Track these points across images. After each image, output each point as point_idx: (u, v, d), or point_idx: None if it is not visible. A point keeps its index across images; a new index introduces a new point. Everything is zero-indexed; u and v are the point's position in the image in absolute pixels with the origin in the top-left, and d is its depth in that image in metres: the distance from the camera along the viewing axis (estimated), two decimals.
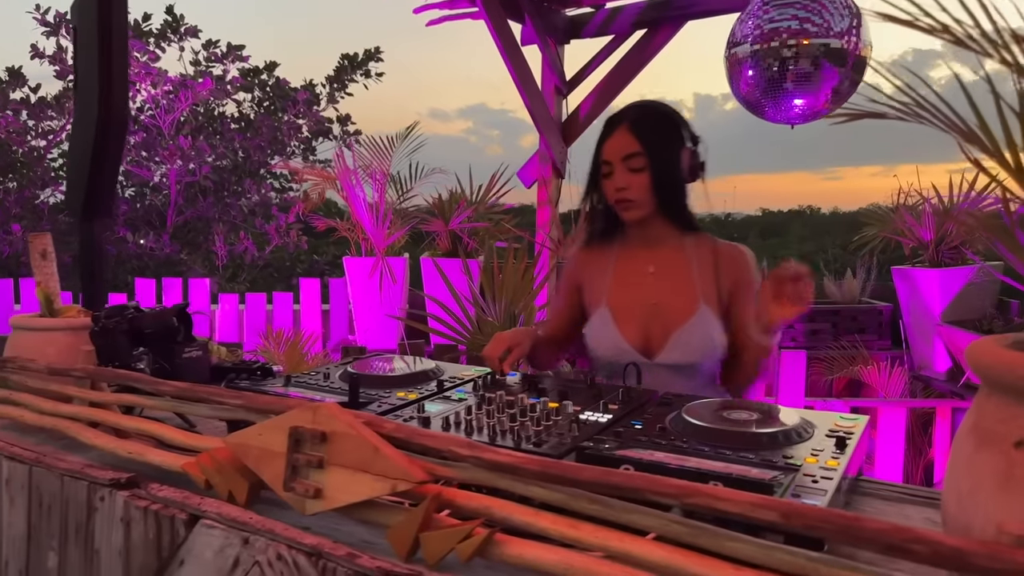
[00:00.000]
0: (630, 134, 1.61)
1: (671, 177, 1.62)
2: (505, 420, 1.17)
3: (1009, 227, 0.83)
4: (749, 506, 0.70)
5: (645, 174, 1.60)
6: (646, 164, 1.60)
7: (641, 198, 1.62)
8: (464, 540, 0.81)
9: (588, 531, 0.78)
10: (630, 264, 1.72)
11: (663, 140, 1.62)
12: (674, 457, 0.99)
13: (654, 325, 1.66)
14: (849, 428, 1.14)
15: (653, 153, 1.60)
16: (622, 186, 1.62)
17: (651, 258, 1.70)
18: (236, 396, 1.07)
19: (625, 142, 1.61)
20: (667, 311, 1.65)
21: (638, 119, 1.63)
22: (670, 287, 1.67)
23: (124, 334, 1.42)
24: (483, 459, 0.84)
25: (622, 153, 1.61)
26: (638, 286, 1.69)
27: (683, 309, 1.64)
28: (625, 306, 1.68)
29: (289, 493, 0.93)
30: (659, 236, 1.70)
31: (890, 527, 0.63)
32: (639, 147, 1.60)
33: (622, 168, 1.62)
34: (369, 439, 0.88)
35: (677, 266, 1.68)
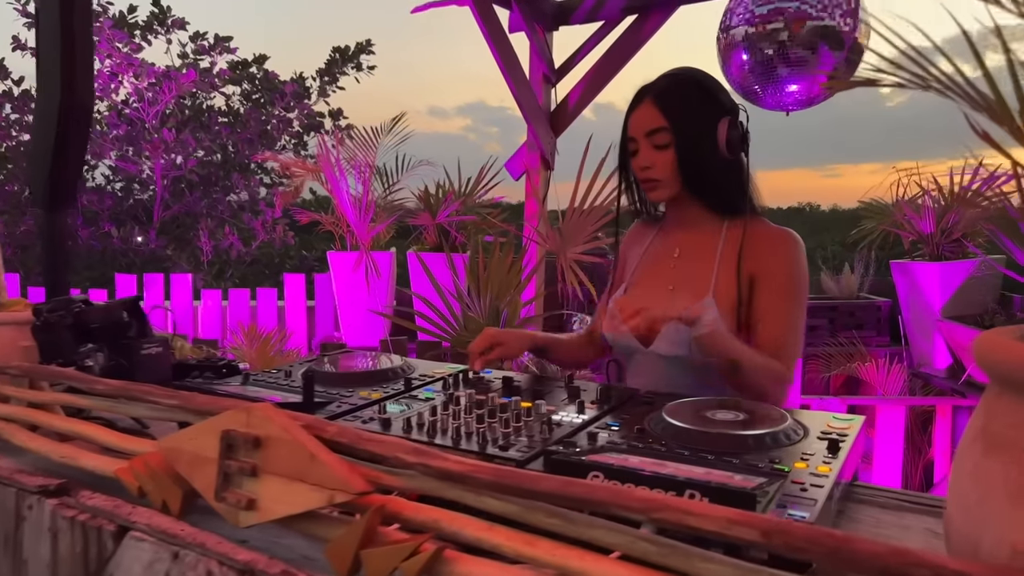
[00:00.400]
0: (655, 107, 1.47)
1: (700, 153, 1.47)
2: (472, 422, 1.08)
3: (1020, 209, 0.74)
4: (725, 522, 0.61)
5: (670, 151, 1.47)
6: (671, 140, 1.46)
7: (666, 177, 1.48)
8: (410, 558, 0.72)
9: (545, 548, 0.69)
10: (661, 246, 1.61)
11: (691, 113, 1.47)
12: (650, 462, 0.90)
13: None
14: (843, 429, 1.06)
15: (679, 128, 1.46)
16: (646, 164, 1.49)
17: (680, 241, 1.57)
18: (171, 396, 0.98)
19: (649, 116, 1.48)
20: (677, 299, 1.48)
21: (665, 90, 1.49)
22: (689, 274, 1.52)
23: (69, 329, 1.33)
24: (431, 467, 0.75)
25: (646, 128, 1.48)
26: (661, 269, 1.58)
27: (690, 298, 1.47)
28: (642, 287, 1.58)
29: (221, 504, 0.84)
30: (695, 218, 1.56)
31: (886, 550, 0.54)
32: (664, 122, 1.46)
33: (647, 145, 1.49)
34: (306, 444, 0.79)
35: (703, 251, 1.52)
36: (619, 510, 0.65)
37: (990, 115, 0.66)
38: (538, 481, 0.70)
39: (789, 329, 1.45)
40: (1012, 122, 0.64)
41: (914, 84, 0.74)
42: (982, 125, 0.72)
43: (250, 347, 3.34)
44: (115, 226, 7.62)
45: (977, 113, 0.70)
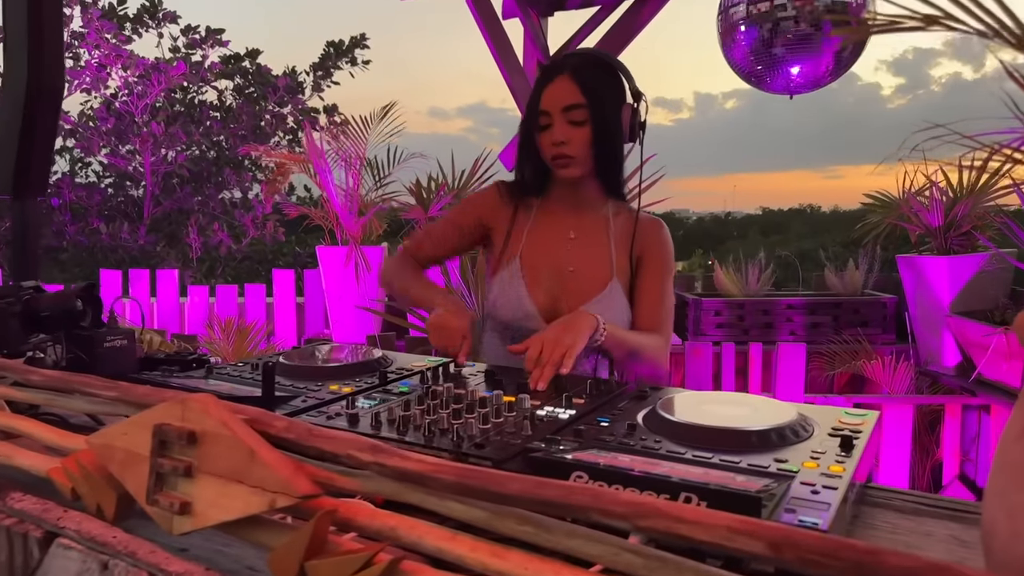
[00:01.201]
0: (573, 83, 1.46)
1: (613, 134, 1.49)
2: (447, 417, 0.98)
3: None
4: (725, 532, 0.51)
5: (586, 128, 1.47)
6: (587, 117, 1.46)
7: (581, 154, 1.49)
8: (362, 570, 0.63)
9: (516, 561, 0.59)
10: (550, 225, 1.60)
11: (608, 93, 1.48)
12: (641, 462, 0.80)
13: (564, 293, 1.55)
14: (856, 425, 0.96)
15: (596, 106, 1.46)
16: (561, 140, 1.48)
17: (574, 223, 1.59)
18: (111, 387, 0.88)
19: (566, 92, 1.47)
20: (579, 280, 1.55)
21: (581, 67, 1.48)
22: (587, 256, 1.56)
23: (16, 316, 1.23)
24: (387, 466, 0.66)
25: (563, 103, 1.47)
26: (555, 249, 1.57)
27: (595, 281, 1.54)
28: (537, 267, 1.57)
29: (153, 507, 0.74)
30: (586, 200, 1.59)
31: (922, 564, 0.45)
32: (582, 98, 1.46)
33: (561, 120, 1.47)
34: (245, 440, 0.69)
35: (597, 235, 1.58)
36: (600, 516, 0.56)
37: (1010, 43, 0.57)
38: (506, 482, 0.60)
39: (668, 305, 1.58)
40: None
41: (943, 26, 0.65)
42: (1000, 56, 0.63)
43: (226, 342, 3.23)
44: (104, 222, 7.51)
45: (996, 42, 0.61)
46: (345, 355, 1.36)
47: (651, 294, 1.55)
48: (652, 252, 1.57)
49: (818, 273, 4.48)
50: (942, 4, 0.63)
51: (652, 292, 1.55)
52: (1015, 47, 0.59)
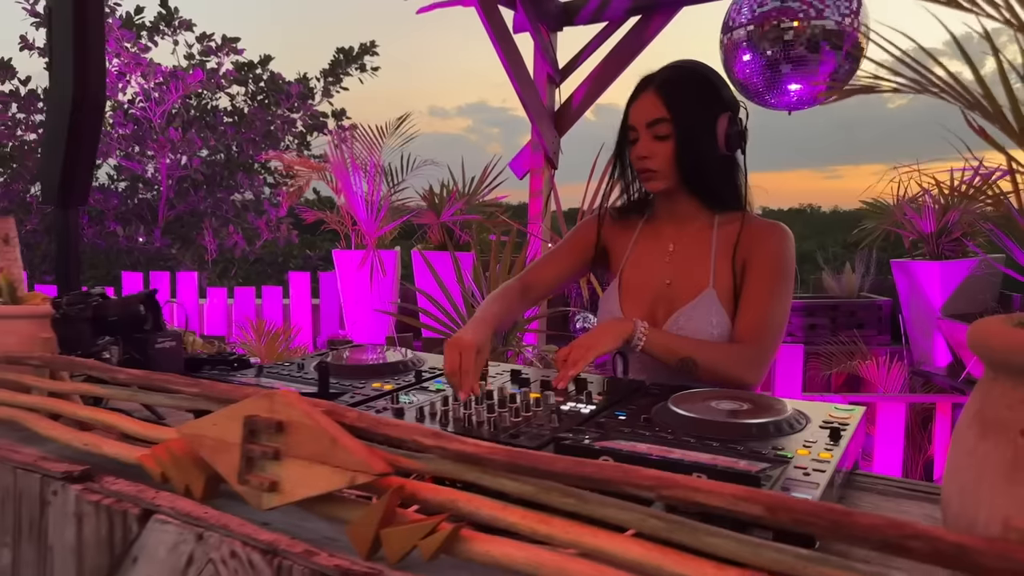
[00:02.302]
0: (657, 97, 1.48)
1: (699, 147, 1.48)
2: (482, 411, 1.11)
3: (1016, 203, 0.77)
4: (731, 499, 0.64)
5: (670, 142, 1.48)
6: (671, 132, 1.47)
7: (664, 168, 1.50)
8: (428, 536, 0.76)
9: (560, 527, 0.72)
10: (652, 239, 1.62)
11: (693, 106, 1.48)
12: (657, 448, 0.93)
13: (660, 306, 1.55)
14: (844, 419, 1.09)
15: (680, 120, 1.47)
16: (644, 155, 1.50)
17: (674, 236, 1.58)
18: (193, 384, 1.01)
19: (651, 106, 1.49)
20: (676, 292, 1.54)
21: (668, 81, 1.50)
22: (685, 268, 1.55)
23: (87, 322, 1.36)
24: (448, 449, 0.78)
25: (647, 118, 1.49)
26: (655, 264, 1.58)
27: (690, 291, 1.52)
28: (636, 283, 1.59)
29: (244, 487, 0.87)
30: (687, 213, 1.58)
31: (885, 522, 0.57)
32: (665, 112, 1.47)
33: (647, 135, 1.50)
34: (327, 428, 0.82)
35: (698, 246, 1.55)
36: (630, 488, 0.68)
37: (983, 115, 0.70)
38: (552, 462, 0.73)
39: (768, 315, 1.47)
40: (1004, 120, 0.67)
41: (912, 88, 0.78)
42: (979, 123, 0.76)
43: (259, 342, 3.37)
44: (120, 225, 7.66)
45: (972, 113, 0.74)
46: (382, 356, 1.48)
47: (748, 303, 1.48)
48: (758, 258, 1.49)
49: (816, 276, 4.61)
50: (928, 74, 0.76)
51: (750, 300, 1.48)
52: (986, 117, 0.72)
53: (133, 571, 0.96)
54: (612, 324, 1.42)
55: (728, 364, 1.43)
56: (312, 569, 0.78)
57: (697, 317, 1.49)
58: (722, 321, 1.49)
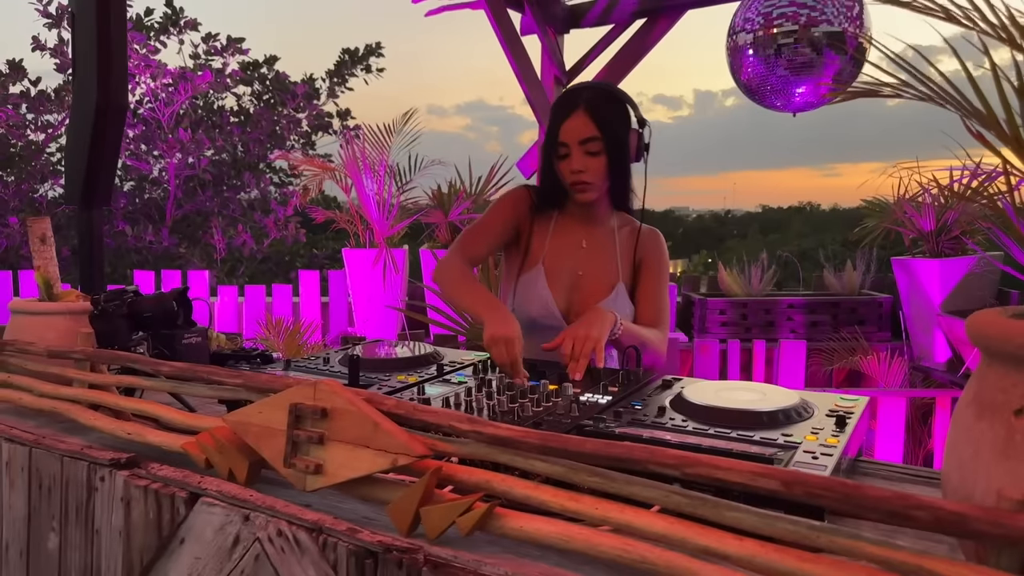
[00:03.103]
0: (588, 117, 1.63)
1: (624, 160, 1.68)
2: (505, 401, 1.17)
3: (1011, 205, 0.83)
4: (750, 475, 0.69)
5: (601, 158, 1.65)
6: (602, 149, 1.64)
7: (597, 181, 1.67)
8: (464, 514, 0.81)
9: (589, 503, 0.78)
10: (566, 235, 1.79)
11: (618, 125, 1.66)
12: (674, 435, 0.99)
13: (576, 294, 1.75)
14: (849, 408, 1.14)
15: (610, 137, 1.64)
16: (579, 168, 1.65)
17: (585, 234, 1.79)
18: (235, 376, 1.07)
19: (582, 125, 1.64)
20: (590, 283, 1.76)
21: (593, 102, 1.65)
22: (597, 263, 1.77)
23: (123, 318, 1.42)
24: (484, 433, 0.84)
25: (579, 136, 1.64)
26: (570, 256, 1.77)
27: (603, 284, 1.75)
28: (557, 272, 1.76)
29: (289, 470, 0.93)
30: (597, 215, 1.79)
31: (892, 494, 0.63)
32: (597, 132, 1.63)
33: (579, 151, 1.65)
34: (370, 415, 0.88)
35: (605, 245, 1.78)
36: (655, 467, 0.74)
37: (979, 120, 0.75)
38: (582, 444, 0.78)
39: (666, 305, 1.81)
40: (998, 126, 0.73)
41: (911, 95, 0.84)
42: (976, 128, 0.82)
43: (276, 338, 3.43)
44: (129, 224, 7.72)
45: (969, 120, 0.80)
46: (404, 350, 1.54)
47: (651, 294, 1.78)
48: (651, 258, 1.79)
49: (817, 273, 4.67)
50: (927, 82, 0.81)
51: (652, 292, 1.78)
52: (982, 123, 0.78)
53: (181, 551, 1.02)
54: (602, 314, 1.55)
55: (660, 344, 1.73)
56: (356, 545, 0.84)
57: (616, 308, 1.66)
58: (631, 311, 1.76)
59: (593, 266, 1.77)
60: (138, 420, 1.24)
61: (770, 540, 0.69)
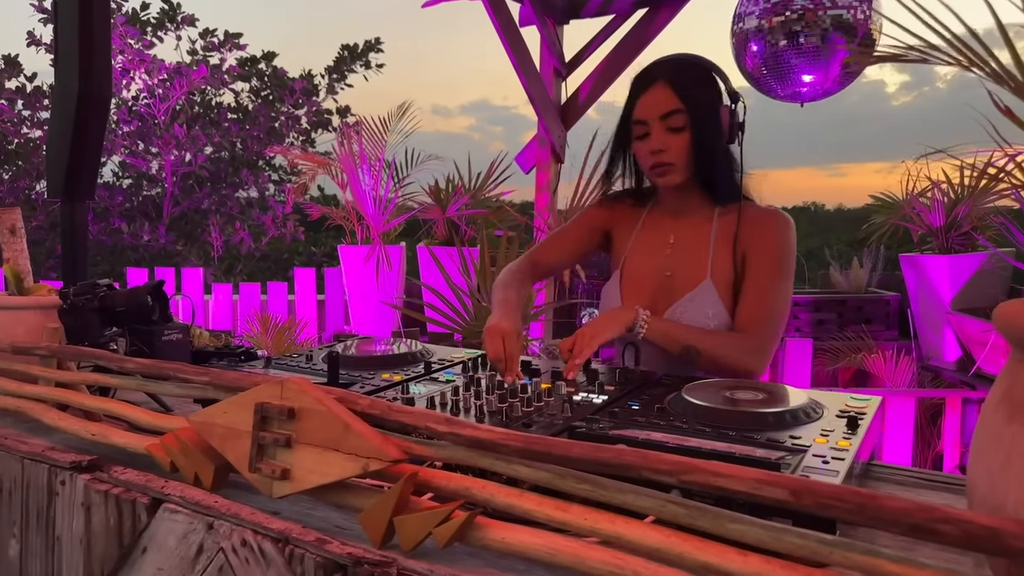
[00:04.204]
0: (670, 89, 1.45)
1: (712, 137, 1.46)
2: (493, 401, 1.10)
3: None
4: (754, 483, 0.62)
5: (686, 134, 1.45)
6: (687, 123, 1.45)
7: (680, 161, 1.47)
8: (442, 523, 0.74)
9: (577, 513, 0.71)
10: (653, 232, 1.61)
11: (705, 96, 1.47)
12: (672, 437, 0.92)
13: (661, 297, 1.55)
14: (861, 409, 1.07)
15: (695, 111, 1.45)
16: (659, 148, 1.46)
17: (675, 228, 1.58)
18: (202, 372, 1.00)
19: (664, 98, 1.45)
20: (675, 284, 1.54)
21: (678, 72, 1.47)
22: (685, 260, 1.55)
23: (95, 312, 1.35)
24: (462, 436, 0.77)
25: (660, 111, 1.45)
26: (656, 255, 1.58)
27: (689, 283, 1.52)
28: (637, 274, 1.59)
29: (255, 474, 0.86)
30: (690, 206, 1.57)
31: (914, 506, 0.56)
32: (680, 104, 1.44)
33: (660, 128, 1.46)
34: (340, 415, 0.81)
35: (698, 238, 1.55)
36: (649, 474, 0.67)
37: (1014, 88, 0.68)
38: (569, 447, 0.71)
39: (769, 303, 1.48)
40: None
41: (938, 59, 0.76)
42: (1004, 103, 0.74)
43: (265, 335, 3.37)
44: (125, 222, 7.67)
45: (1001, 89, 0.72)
46: (391, 347, 1.47)
47: (749, 292, 1.49)
48: (758, 248, 1.49)
49: (823, 271, 4.59)
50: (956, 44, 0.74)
51: (750, 290, 1.49)
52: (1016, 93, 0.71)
53: (143, 561, 0.95)
54: (615, 312, 1.43)
55: (730, 352, 1.44)
56: (324, 558, 0.77)
57: (694, 309, 1.49)
58: (719, 312, 1.49)
59: (681, 265, 1.54)
60: (108, 421, 1.17)
61: (777, 555, 0.62)
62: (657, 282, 1.56)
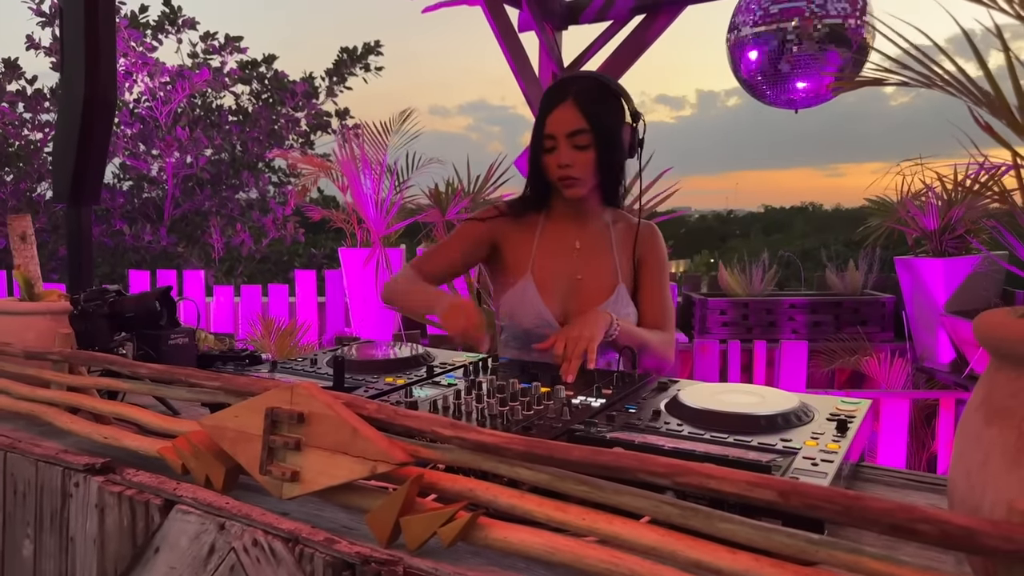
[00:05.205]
0: (576, 109, 1.55)
1: (615, 155, 1.60)
2: (495, 405, 1.13)
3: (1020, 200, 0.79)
4: (745, 485, 0.65)
5: (590, 151, 1.57)
6: (591, 141, 1.56)
7: (585, 176, 1.59)
8: (447, 524, 0.78)
9: (576, 513, 0.74)
10: (556, 237, 1.70)
11: (609, 117, 1.57)
12: (668, 440, 0.95)
13: (573, 299, 1.66)
14: (851, 412, 1.10)
15: (599, 130, 1.55)
16: (566, 163, 1.57)
17: (578, 233, 1.70)
18: (213, 378, 1.03)
19: (570, 117, 1.55)
20: (588, 287, 1.67)
21: (583, 93, 1.56)
22: (593, 264, 1.68)
23: (104, 318, 1.38)
24: (466, 439, 0.80)
25: (567, 129, 1.55)
26: (563, 260, 1.68)
27: (603, 286, 1.66)
28: (549, 278, 1.67)
29: (265, 477, 0.89)
30: (588, 211, 1.70)
31: (895, 506, 0.59)
32: (585, 124, 1.54)
33: (566, 144, 1.56)
34: (348, 419, 0.84)
35: (601, 243, 1.70)
36: (646, 476, 0.70)
37: (991, 110, 0.71)
38: (569, 451, 0.75)
39: (670, 304, 1.72)
40: (1011, 116, 0.69)
41: (919, 83, 0.80)
42: (985, 119, 0.77)
43: (268, 338, 3.40)
44: (126, 223, 7.70)
45: (979, 108, 0.75)
46: (393, 351, 1.50)
47: (654, 294, 1.70)
48: (651, 256, 1.71)
49: (819, 273, 4.63)
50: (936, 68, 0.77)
51: (654, 292, 1.70)
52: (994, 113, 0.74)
53: (155, 560, 0.99)
54: (597, 315, 1.49)
55: (665, 347, 1.65)
56: (333, 556, 0.81)
57: (616, 311, 1.60)
58: (631, 312, 1.67)
59: (591, 268, 1.68)
60: (118, 424, 1.20)
61: (766, 554, 0.65)
62: (569, 285, 1.67)
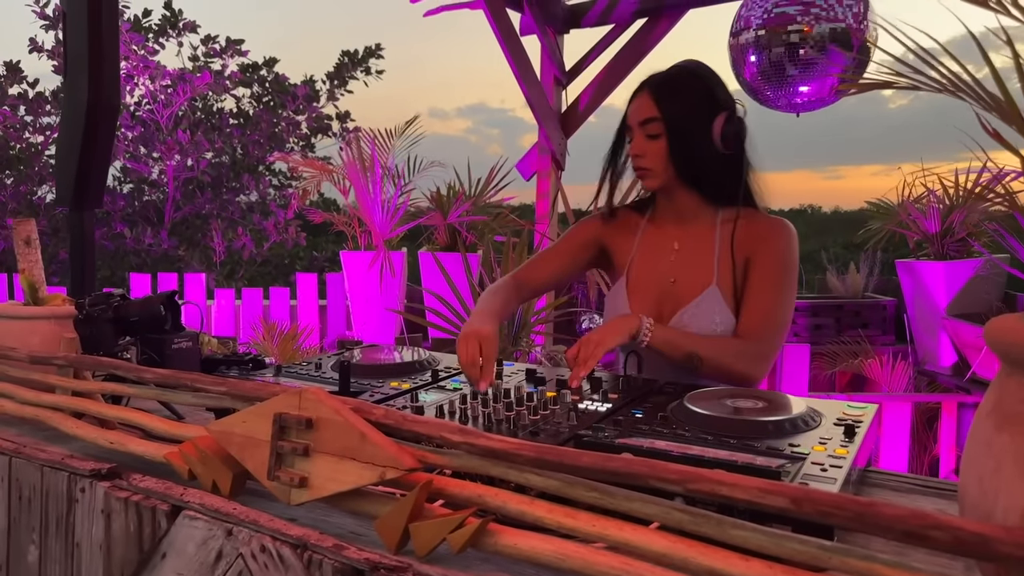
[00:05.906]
0: (650, 98, 1.51)
1: (691, 145, 1.50)
2: (500, 409, 1.13)
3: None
4: (757, 491, 0.65)
5: (661, 141, 1.50)
6: (662, 131, 1.50)
7: (656, 167, 1.52)
8: (456, 530, 0.77)
9: (585, 520, 0.74)
10: (656, 238, 1.63)
11: (684, 105, 1.50)
12: (676, 445, 0.95)
13: (666, 304, 1.57)
14: (858, 416, 1.10)
15: (669, 119, 1.49)
16: (638, 153, 1.53)
17: (678, 234, 1.61)
18: (219, 383, 1.03)
19: (643, 106, 1.52)
20: (680, 289, 1.56)
21: (662, 82, 1.53)
22: (689, 265, 1.57)
23: (109, 322, 1.38)
24: (476, 445, 0.80)
25: (639, 118, 1.52)
26: (660, 261, 1.60)
27: (694, 289, 1.54)
28: (642, 281, 1.60)
29: (273, 482, 0.89)
30: (689, 211, 1.59)
31: (908, 512, 0.59)
32: (656, 112, 1.50)
33: (640, 134, 1.53)
34: (356, 425, 0.84)
35: (702, 244, 1.57)
36: (656, 482, 0.70)
37: (999, 114, 0.71)
38: (579, 457, 0.74)
39: (772, 311, 1.49)
40: (1020, 120, 0.69)
41: (926, 86, 0.80)
42: (992, 124, 0.77)
43: (270, 342, 3.40)
44: (127, 226, 7.69)
45: (987, 112, 0.75)
46: (399, 355, 1.50)
47: (752, 299, 1.51)
48: (763, 255, 1.51)
49: (820, 276, 4.63)
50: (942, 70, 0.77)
51: (754, 296, 1.51)
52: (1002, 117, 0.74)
53: (162, 566, 0.98)
54: (619, 320, 1.44)
55: (732, 359, 1.45)
56: (342, 563, 0.80)
57: (700, 314, 1.51)
58: (725, 318, 1.51)
59: (687, 270, 1.56)
60: (124, 429, 1.20)
61: (778, 560, 0.65)
62: (662, 288, 1.57)
